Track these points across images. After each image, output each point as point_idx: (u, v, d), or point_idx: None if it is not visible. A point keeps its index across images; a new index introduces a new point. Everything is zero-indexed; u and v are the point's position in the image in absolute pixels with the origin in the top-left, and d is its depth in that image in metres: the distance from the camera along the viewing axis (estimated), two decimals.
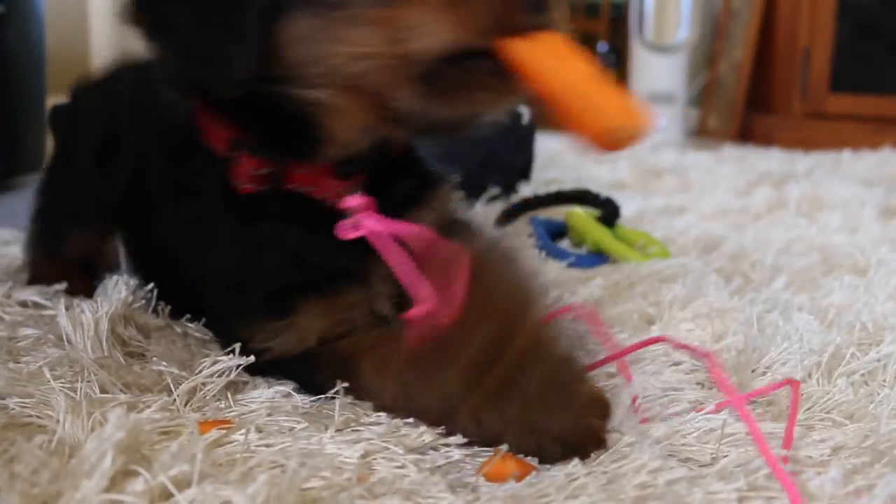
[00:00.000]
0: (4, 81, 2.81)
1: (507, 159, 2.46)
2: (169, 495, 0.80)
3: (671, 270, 1.65)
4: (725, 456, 0.92)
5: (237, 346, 1.08)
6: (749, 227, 2.13)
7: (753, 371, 1.15)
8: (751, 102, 4.94)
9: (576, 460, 0.90)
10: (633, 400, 1.02)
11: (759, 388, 1.06)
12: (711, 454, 0.94)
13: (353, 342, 1.06)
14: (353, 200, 1.05)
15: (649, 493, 0.84)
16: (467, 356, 0.93)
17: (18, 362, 1.15)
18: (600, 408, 0.95)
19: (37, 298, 1.41)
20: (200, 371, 1.08)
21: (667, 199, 2.53)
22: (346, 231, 1.03)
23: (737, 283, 1.61)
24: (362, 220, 1.04)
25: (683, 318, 1.37)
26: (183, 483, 0.81)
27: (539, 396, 0.92)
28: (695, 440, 0.96)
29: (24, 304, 1.42)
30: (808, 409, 1.07)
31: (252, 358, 1.08)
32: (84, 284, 1.48)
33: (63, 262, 1.50)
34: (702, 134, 5.18)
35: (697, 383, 1.14)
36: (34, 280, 1.50)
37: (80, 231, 1.50)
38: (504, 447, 0.92)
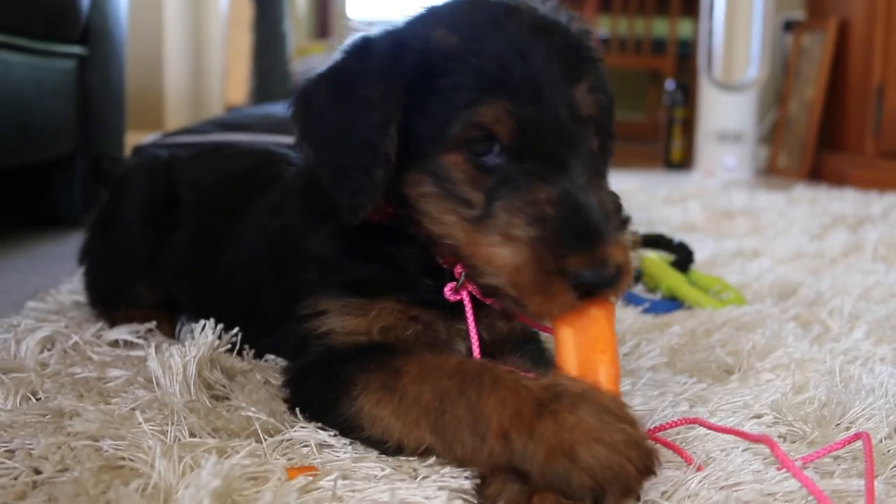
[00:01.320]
0: (86, 122, 2.92)
1: None
2: None
3: (748, 318, 1.64)
4: None
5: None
6: (825, 273, 2.10)
7: (837, 426, 1.14)
8: (822, 141, 4.87)
9: None
10: (688, 461, 1.02)
11: (829, 445, 1.04)
12: None
13: (407, 347, 1.14)
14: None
15: None
16: (510, 382, 0.98)
17: (109, 404, 1.19)
18: (640, 454, 0.92)
19: (128, 337, 1.46)
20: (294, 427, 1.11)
21: (739, 241, 2.51)
22: (450, 290, 1.14)
23: (816, 332, 1.59)
24: (466, 290, 1.14)
25: (763, 368, 1.36)
26: None
27: (576, 423, 0.92)
28: (781, 499, 0.95)
29: (114, 344, 1.47)
30: (894, 466, 1.05)
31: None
32: (168, 323, 1.54)
33: (141, 308, 1.57)
34: (772, 172, 5.12)
35: (779, 436, 1.14)
36: (115, 324, 1.55)
37: (144, 279, 1.60)
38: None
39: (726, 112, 4.79)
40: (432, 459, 1.02)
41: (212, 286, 1.47)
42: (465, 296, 1.13)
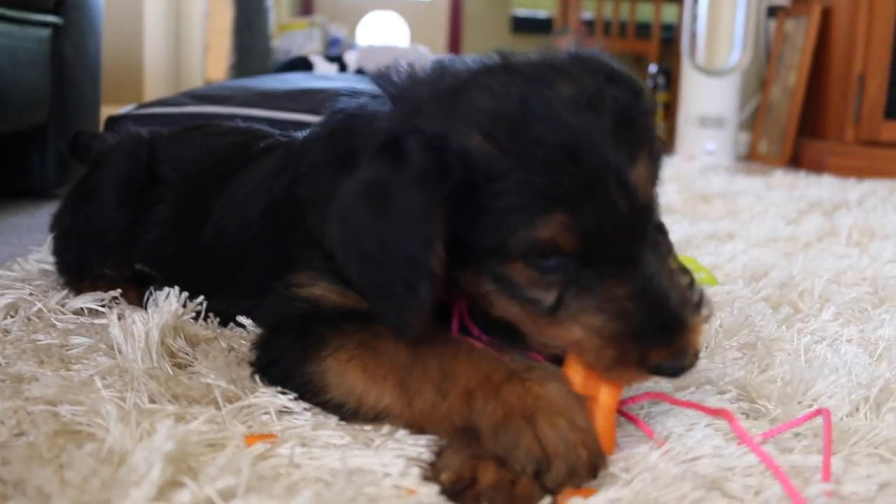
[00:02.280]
0: (60, 92, 2.88)
1: None
2: None
3: (718, 298, 1.64)
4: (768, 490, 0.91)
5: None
6: (798, 256, 2.11)
7: (800, 403, 1.14)
8: (803, 128, 4.88)
9: (619, 484, 0.90)
10: (650, 436, 1.02)
11: (790, 421, 1.04)
12: (755, 489, 0.93)
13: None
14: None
15: None
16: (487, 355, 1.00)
17: (69, 370, 1.18)
18: (595, 451, 0.92)
19: (92, 305, 1.45)
20: (255, 393, 1.10)
21: (715, 224, 2.51)
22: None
23: (785, 313, 1.59)
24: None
25: (730, 346, 1.36)
26: (228, 495, 0.83)
27: (543, 395, 0.93)
28: (739, 474, 0.95)
29: (79, 313, 1.46)
30: (855, 443, 1.05)
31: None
32: (135, 292, 1.53)
33: (108, 280, 1.56)
34: (752, 158, 5.13)
35: (742, 413, 1.14)
36: (81, 293, 1.54)
37: (113, 261, 1.58)
38: None
39: (708, 97, 4.79)
40: (386, 428, 1.01)
41: (190, 253, 1.46)
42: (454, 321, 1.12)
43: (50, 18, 2.81)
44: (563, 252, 0.98)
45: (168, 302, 1.26)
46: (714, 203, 2.90)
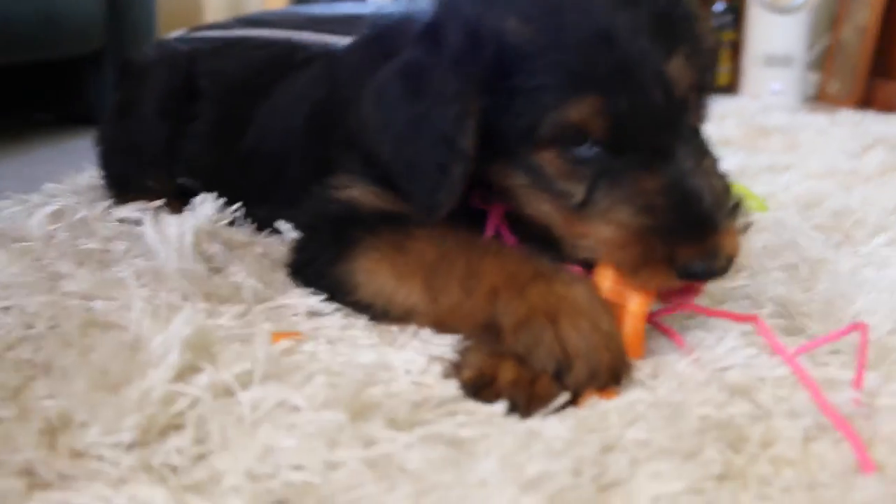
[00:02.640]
0: (115, 19, 2.90)
1: None
2: (232, 392, 0.82)
3: (766, 222, 1.59)
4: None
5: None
6: (856, 188, 2.03)
7: (840, 320, 1.10)
8: (875, 68, 4.69)
9: (643, 389, 0.89)
10: (680, 343, 1.00)
11: (823, 336, 1.00)
12: (784, 399, 0.90)
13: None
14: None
15: (711, 424, 0.81)
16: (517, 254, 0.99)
17: (107, 271, 1.20)
18: (618, 355, 0.91)
19: (135, 215, 1.46)
20: (285, 294, 1.11)
21: (772, 157, 2.43)
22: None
23: (836, 239, 1.54)
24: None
25: (773, 267, 1.32)
26: (245, 382, 0.84)
27: (568, 295, 0.91)
28: (770, 384, 0.93)
29: (122, 221, 1.48)
30: (893, 361, 1.01)
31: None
32: (178, 205, 1.54)
33: (152, 193, 1.57)
34: (821, 99, 4.96)
35: (781, 330, 1.11)
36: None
37: (155, 173, 1.60)
38: None
39: (775, 35, 4.62)
40: (412, 329, 1.01)
41: (232, 163, 1.47)
42: (490, 225, 1.10)
43: None
44: (594, 138, 0.96)
45: (204, 207, 1.27)
46: (773, 137, 2.81)
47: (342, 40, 2.18)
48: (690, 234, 0.94)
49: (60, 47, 2.64)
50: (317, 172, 1.19)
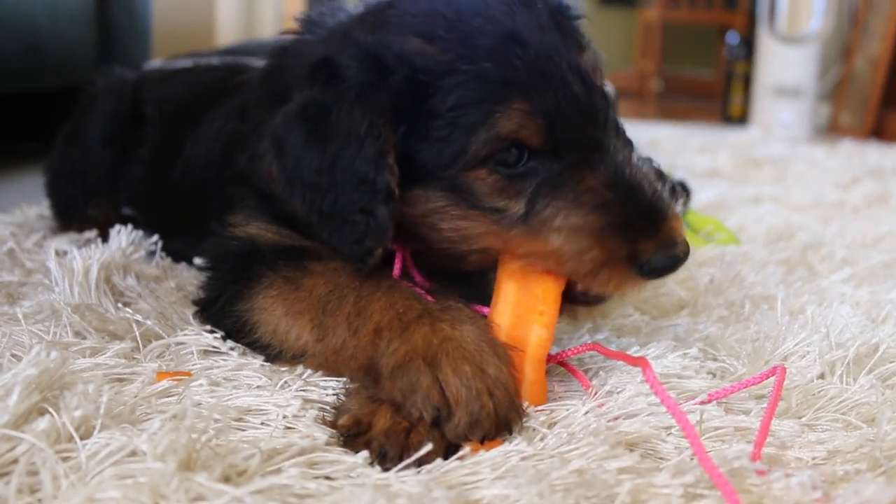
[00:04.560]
0: (107, 51, 2.89)
1: None
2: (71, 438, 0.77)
3: (729, 258, 1.51)
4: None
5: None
6: (835, 220, 1.96)
7: (767, 362, 1.03)
8: (887, 99, 4.60)
9: (518, 438, 0.82)
10: (586, 387, 0.94)
11: (740, 382, 0.93)
12: (684, 448, 0.84)
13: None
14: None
15: (584, 480, 0.75)
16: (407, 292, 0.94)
17: (13, 305, 1.15)
18: (507, 401, 0.84)
19: (65, 247, 1.43)
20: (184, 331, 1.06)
21: (758, 189, 2.36)
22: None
23: (799, 274, 1.47)
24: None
25: (717, 304, 1.26)
26: (89, 427, 0.79)
27: (451, 337, 0.85)
28: (676, 433, 0.86)
29: (58, 253, 1.44)
30: (819, 408, 0.94)
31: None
32: None
33: (94, 222, 1.54)
34: (833, 131, 4.87)
35: (708, 372, 1.04)
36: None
37: (97, 201, 1.57)
38: None
39: (785, 66, 4.54)
40: (300, 370, 0.96)
41: (164, 192, 1.43)
42: (396, 265, 1.03)
43: None
44: (528, 146, 0.92)
45: (117, 239, 1.23)
46: (764, 168, 2.74)
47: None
48: (645, 226, 0.91)
49: (48, 78, 2.64)
50: (223, 209, 1.14)
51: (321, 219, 0.96)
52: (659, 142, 3.16)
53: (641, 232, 0.90)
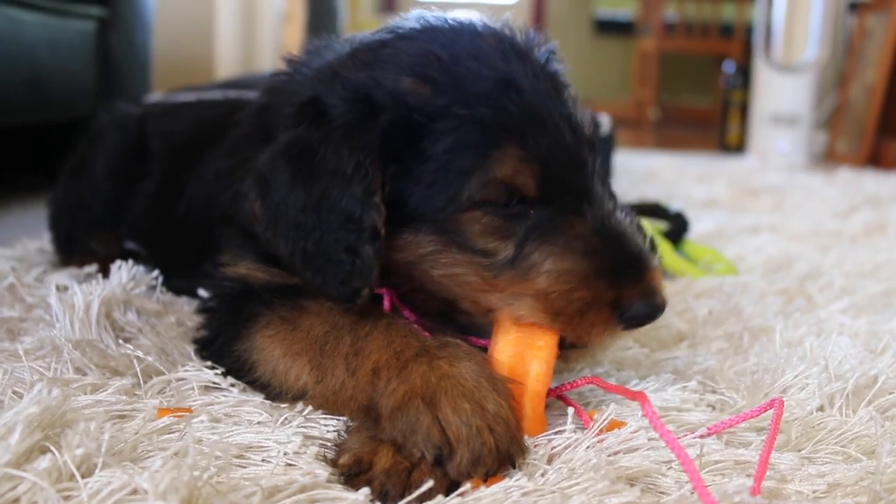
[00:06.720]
0: (107, 84, 2.91)
1: None
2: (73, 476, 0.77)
3: (728, 288, 1.51)
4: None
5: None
6: (833, 249, 1.97)
7: (766, 395, 1.03)
8: (883, 126, 4.62)
9: (519, 474, 0.82)
10: (586, 423, 0.94)
11: (739, 415, 0.94)
12: (684, 482, 0.84)
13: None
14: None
15: None
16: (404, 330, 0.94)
17: (13, 341, 1.16)
18: (508, 436, 0.83)
19: (66, 282, 1.43)
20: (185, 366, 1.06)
21: (756, 218, 2.37)
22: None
23: (798, 304, 1.47)
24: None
25: (716, 336, 1.26)
26: (91, 465, 0.79)
27: (450, 374, 0.85)
28: (676, 468, 0.86)
29: (59, 288, 1.44)
30: (819, 440, 0.94)
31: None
32: None
33: (96, 256, 1.55)
34: (830, 158, 4.89)
35: (708, 405, 1.04)
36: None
37: (100, 235, 1.58)
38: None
39: (781, 94, 4.58)
40: (301, 407, 0.96)
41: (168, 228, 1.43)
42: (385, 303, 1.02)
43: (95, 11, 2.85)
44: (521, 191, 0.93)
45: (119, 275, 1.23)
46: (762, 197, 2.75)
47: None
48: (630, 274, 0.93)
49: (48, 111, 2.65)
50: (214, 249, 1.15)
51: (305, 259, 0.97)
52: (657, 171, 3.18)
53: (626, 279, 0.92)
